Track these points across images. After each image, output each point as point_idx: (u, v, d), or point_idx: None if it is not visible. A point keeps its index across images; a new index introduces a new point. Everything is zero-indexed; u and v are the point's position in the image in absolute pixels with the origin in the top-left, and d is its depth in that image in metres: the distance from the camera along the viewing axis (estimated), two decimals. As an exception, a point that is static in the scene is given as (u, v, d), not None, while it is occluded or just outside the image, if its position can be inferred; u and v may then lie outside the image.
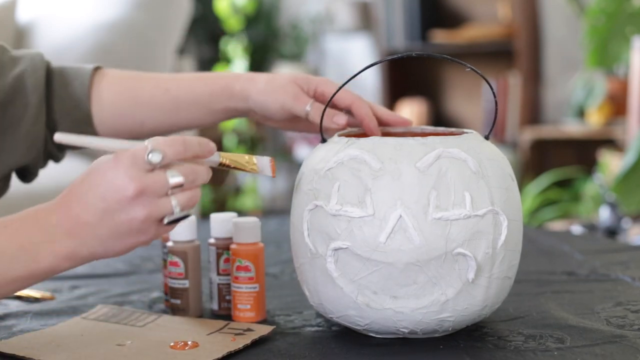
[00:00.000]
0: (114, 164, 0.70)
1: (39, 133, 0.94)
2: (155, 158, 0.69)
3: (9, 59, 0.95)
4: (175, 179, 0.70)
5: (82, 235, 0.71)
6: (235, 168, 0.77)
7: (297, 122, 0.95)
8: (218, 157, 0.75)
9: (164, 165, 0.70)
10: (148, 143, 0.69)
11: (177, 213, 0.71)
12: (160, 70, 2.16)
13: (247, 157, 0.77)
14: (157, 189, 0.69)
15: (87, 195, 0.70)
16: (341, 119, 0.87)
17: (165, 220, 0.71)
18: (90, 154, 2.10)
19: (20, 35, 2.27)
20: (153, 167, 0.69)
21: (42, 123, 0.94)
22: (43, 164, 0.98)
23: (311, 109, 0.90)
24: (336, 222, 0.74)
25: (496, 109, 0.83)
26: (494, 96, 0.81)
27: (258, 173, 0.77)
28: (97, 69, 0.98)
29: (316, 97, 0.92)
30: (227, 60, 3.99)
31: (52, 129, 0.96)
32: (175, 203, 0.70)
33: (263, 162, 0.77)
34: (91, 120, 0.96)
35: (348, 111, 0.92)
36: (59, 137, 0.72)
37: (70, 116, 0.96)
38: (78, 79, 0.96)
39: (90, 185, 0.71)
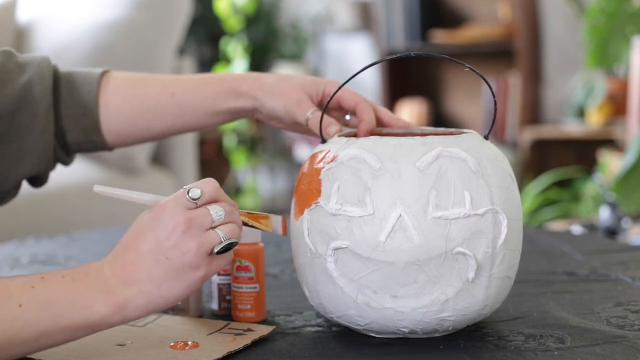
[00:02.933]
0: (159, 210, 0.72)
1: (48, 141, 0.94)
2: (195, 194, 0.72)
3: (16, 65, 0.94)
4: (217, 210, 0.73)
5: (137, 281, 0.71)
6: (251, 226, 0.79)
7: (300, 125, 0.95)
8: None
9: (204, 203, 0.73)
10: (185, 187, 0.73)
11: (225, 241, 0.72)
12: (160, 70, 2.16)
13: (262, 218, 0.80)
14: (203, 221, 0.72)
15: (137, 243, 0.72)
16: (332, 129, 0.87)
17: (215, 249, 0.72)
18: (98, 158, 2.10)
19: (20, 35, 2.27)
20: (195, 204, 0.72)
21: (51, 131, 0.94)
22: (52, 168, 0.98)
23: (311, 117, 0.90)
24: (336, 222, 0.74)
25: (495, 109, 0.83)
26: (493, 96, 0.81)
27: (271, 231, 0.80)
28: (104, 73, 0.97)
29: (324, 99, 0.93)
30: (227, 60, 4.00)
31: (60, 136, 0.96)
32: (221, 234, 0.72)
33: (275, 221, 0.80)
34: (99, 127, 0.96)
35: (353, 112, 0.92)
36: (98, 189, 0.76)
37: (79, 123, 0.96)
38: (85, 85, 0.96)
39: (139, 234, 0.72)
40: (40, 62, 0.95)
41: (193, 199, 0.72)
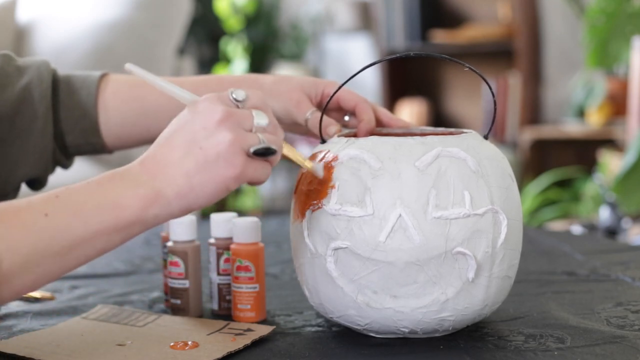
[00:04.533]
0: (198, 104, 0.70)
1: (47, 144, 0.94)
2: (240, 95, 0.71)
3: (15, 68, 0.94)
4: (260, 115, 0.71)
5: (167, 174, 0.68)
6: (290, 158, 0.76)
7: (299, 126, 0.95)
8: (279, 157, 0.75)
9: (249, 107, 0.71)
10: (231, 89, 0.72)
11: (264, 142, 0.70)
12: (160, 70, 2.16)
13: (304, 160, 0.77)
14: (243, 119, 0.70)
15: (171, 137, 0.70)
16: (332, 130, 0.87)
17: (252, 150, 0.69)
18: (98, 159, 2.10)
19: (20, 35, 2.27)
20: (237, 105, 0.70)
21: (50, 134, 0.94)
22: (52, 171, 0.98)
23: (311, 117, 0.90)
24: (336, 222, 0.74)
25: (495, 109, 0.83)
26: (493, 96, 0.81)
27: (310, 169, 0.77)
28: (103, 76, 0.97)
29: (323, 100, 0.93)
30: (227, 61, 3.99)
31: (59, 139, 0.95)
32: (261, 137, 0.70)
33: (316, 163, 0.77)
34: (98, 130, 0.96)
35: (352, 113, 0.92)
36: (130, 67, 0.73)
37: (78, 126, 0.96)
38: (84, 88, 0.96)
39: (174, 130, 0.70)
40: (39, 65, 0.95)
41: (236, 100, 0.70)
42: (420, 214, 0.72)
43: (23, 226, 0.66)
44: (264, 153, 0.70)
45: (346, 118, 0.93)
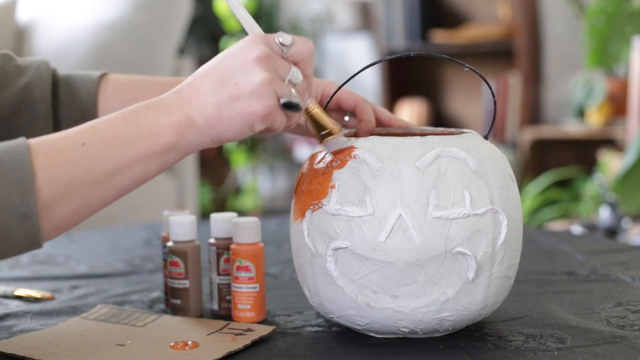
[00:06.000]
0: (243, 40, 0.72)
1: None
2: (286, 40, 0.73)
3: (15, 68, 0.94)
4: (297, 71, 0.73)
5: (199, 102, 0.71)
6: (313, 122, 0.78)
7: (299, 126, 0.95)
8: (309, 102, 0.77)
9: (291, 56, 0.73)
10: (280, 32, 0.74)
11: (294, 96, 0.72)
12: (160, 70, 2.16)
13: (330, 125, 0.77)
14: (281, 67, 0.72)
15: (209, 70, 0.72)
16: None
17: (282, 101, 0.72)
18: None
19: (20, 35, 2.27)
20: (281, 51, 0.73)
21: (50, 134, 0.94)
22: None
23: None
24: (336, 222, 0.74)
25: (495, 109, 0.83)
26: (493, 96, 0.81)
27: (335, 135, 0.77)
28: (102, 76, 0.97)
29: (323, 100, 0.93)
30: (227, 61, 3.99)
31: None
32: (293, 91, 0.72)
33: (334, 142, 0.77)
34: None
35: (352, 113, 0.92)
36: None
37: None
38: (85, 87, 0.96)
39: (214, 63, 0.73)
40: (39, 65, 0.95)
41: (281, 44, 0.73)
42: (420, 214, 0.72)
43: (60, 155, 0.68)
44: (292, 107, 0.72)
45: (346, 118, 0.93)
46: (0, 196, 0.65)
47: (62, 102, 0.95)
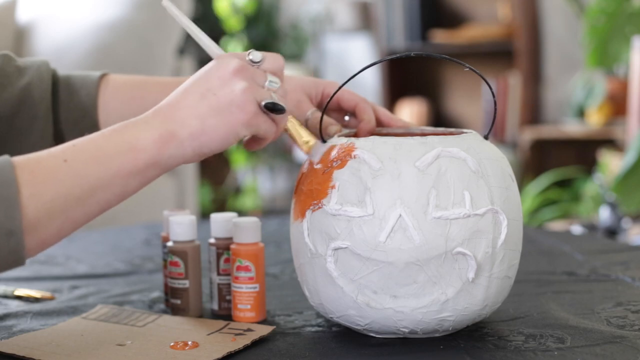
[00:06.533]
0: (214, 61, 0.75)
1: (47, 145, 0.94)
2: (256, 57, 0.76)
3: (15, 68, 0.94)
4: (273, 78, 0.76)
5: (180, 116, 0.72)
6: (290, 136, 0.80)
7: None
8: (286, 119, 0.78)
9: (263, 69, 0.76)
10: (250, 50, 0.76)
11: (275, 98, 0.74)
12: (160, 70, 2.16)
13: (306, 137, 0.80)
14: (257, 76, 0.75)
15: (187, 87, 0.74)
16: (332, 129, 0.88)
17: (263, 103, 0.73)
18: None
19: (20, 35, 2.27)
20: (253, 65, 0.75)
21: (49, 135, 0.94)
22: None
23: (311, 117, 0.91)
24: (336, 222, 0.74)
25: (495, 109, 0.83)
26: (493, 96, 0.81)
27: (305, 153, 0.80)
28: (102, 76, 0.97)
29: (324, 100, 0.93)
30: (227, 61, 3.99)
31: (59, 139, 0.95)
32: (273, 95, 0.74)
33: (317, 148, 0.79)
34: (98, 130, 0.96)
35: (352, 113, 0.92)
36: (167, 3, 0.81)
37: (78, 126, 0.95)
38: (85, 88, 0.96)
39: (191, 81, 0.74)
40: (39, 65, 0.95)
41: (253, 62, 0.75)
42: (420, 214, 0.72)
43: (45, 172, 0.68)
44: (274, 108, 0.74)
45: (346, 118, 0.93)
46: None
47: (62, 102, 0.95)
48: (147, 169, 0.71)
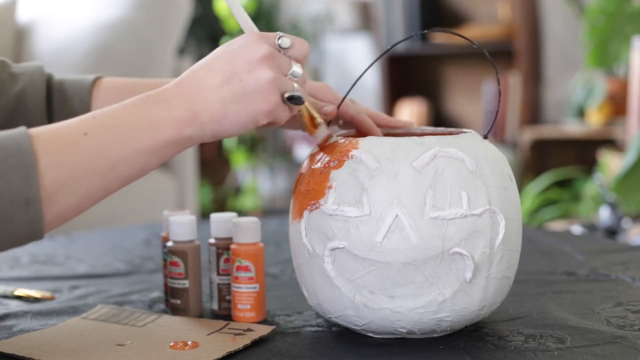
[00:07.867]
0: (243, 37, 0.74)
1: None
2: (285, 42, 0.75)
3: (9, 75, 0.93)
4: (297, 67, 0.76)
5: (203, 98, 0.71)
6: (301, 117, 0.80)
7: (294, 120, 0.94)
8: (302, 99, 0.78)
9: (289, 56, 0.75)
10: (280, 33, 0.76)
11: (296, 89, 0.75)
12: (160, 70, 2.16)
13: (318, 118, 0.80)
14: (283, 63, 0.74)
15: (211, 64, 0.73)
16: (329, 108, 0.86)
17: (286, 95, 0.74)
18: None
19: (20, 35, 2.27)
20: (279, 50, 0.75)
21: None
22: None
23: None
24: (333, 222, 0.74)
25: (498, 104, 0.83)
26: (499, 87, 0.81)
27: (313, 135, 0.80)
28: (95, 80, 0.96)
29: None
30: (227, 61, 3.99)
31: None
32: (295, 85, 0.75)
33: (322, 131, 0.80)
34: None
35: (350, 126, 0.91)
36: None
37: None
38: (77, 95, 0.95)
39: (215, 56, 0.73)
40: (33, 72, 0.94)
41: (281, 47, 0.75)
42: (417, 214, 0.72)
43: (62, 143, 0.67)
44: (295, 100, 0.74)
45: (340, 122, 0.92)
46: (1, 181, 0.64)
47: (56, 110, 0.94)
48: (166, 146, 0.71)
